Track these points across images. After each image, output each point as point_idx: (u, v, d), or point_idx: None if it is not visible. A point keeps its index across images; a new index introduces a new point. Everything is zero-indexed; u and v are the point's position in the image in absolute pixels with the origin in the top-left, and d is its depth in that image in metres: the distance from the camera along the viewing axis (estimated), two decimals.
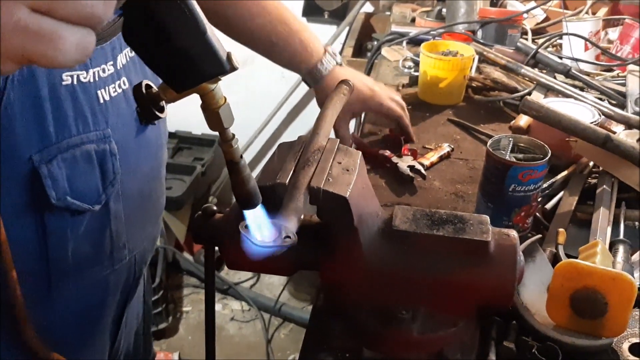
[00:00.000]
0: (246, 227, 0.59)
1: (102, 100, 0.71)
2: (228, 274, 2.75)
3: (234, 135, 0.57)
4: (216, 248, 0.81)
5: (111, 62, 0.73)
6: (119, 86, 0.74)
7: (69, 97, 0.67)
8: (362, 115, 1.47)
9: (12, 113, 0.62)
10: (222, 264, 2.63)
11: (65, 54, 0.39)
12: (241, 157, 0.59)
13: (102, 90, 0.72)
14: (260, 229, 0.60)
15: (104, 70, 0.72)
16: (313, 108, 2.86)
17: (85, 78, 0.69)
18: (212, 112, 0.55)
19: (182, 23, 0.47)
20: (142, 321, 1.05)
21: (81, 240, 0.73)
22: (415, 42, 1.81)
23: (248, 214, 0.61)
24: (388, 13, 2.37)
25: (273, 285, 2.77)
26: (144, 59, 0.51)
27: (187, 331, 2.54)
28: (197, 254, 2.81)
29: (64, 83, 0.67)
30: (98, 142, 0.71)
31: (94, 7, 0.39)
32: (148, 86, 0.62)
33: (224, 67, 0.51)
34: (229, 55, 0.52)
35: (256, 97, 2.82)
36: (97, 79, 0.70)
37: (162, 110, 0.65)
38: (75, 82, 0.68)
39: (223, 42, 0.52)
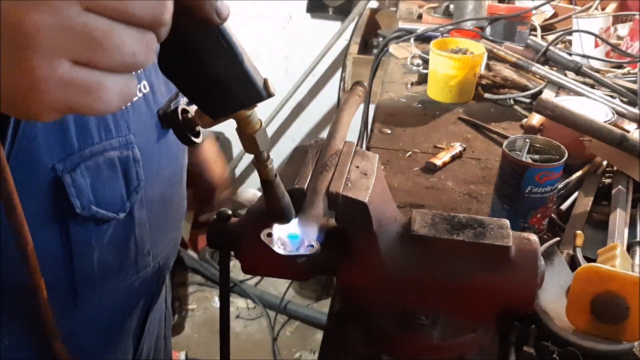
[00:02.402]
0: (268, 235, 0.58)
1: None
2: (233, 272, 2.74)
3: (269, 156, 0.57)
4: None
5: None
6: (140, 90, 0.73)
7: None
8: (371, 115, 1.46)
9: (35, 122, 0.60)
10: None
11: (108, 103, 0.39)
12: (276, 175, 0.58)
13: None
14: (284, 238, 0.59)
15: None
16: (317, 105, 2.87)
17: None
18: (249, 136, 0.54)
19: (219, 53, 0.46)
20: (164, 325, 1.04)
21: (106, 249, 0.72)
22: (422, 39, 1.80)
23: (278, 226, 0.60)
24: (394, 9, 2.35)
25: (278, 283, 2.77)
26: (179, 87, 0.50)
27: (192, 329, 2.54)
28: (202, 251, 2.80)
29: None
30: (121, 148, 0.70)
31: (135, 55, 0.39)
32: (184, 111, 0.61)
33: (261, 94, 0.51)
34: (265, 82, 0.51)
35: None
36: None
37: (197, 135, 0.64)
38: None
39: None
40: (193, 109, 0.76)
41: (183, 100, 0.79)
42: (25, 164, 0.60)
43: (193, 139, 0.66)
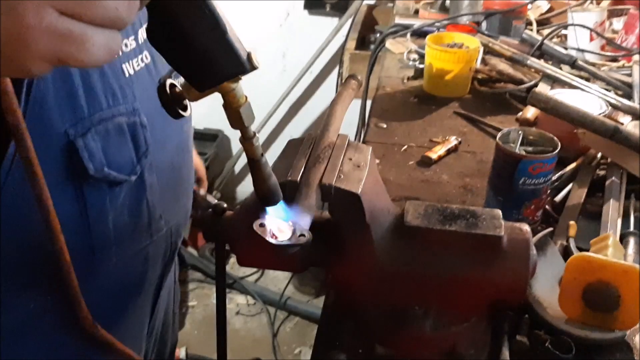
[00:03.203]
0: (261, 225, 0.59)
1: (127, 74, 0.73)
2: (233, 268, 2.75)
3: (255, 133, 0.58)
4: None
5: (132, 37, 0.74)
6: (142, 60, 0.76)
7: (97, 71, 0.69)
8: (367, 108, 1.46)
9: (45, 87, 0.63)
10: (227, 258, 2.63)
11: (93, 54, 0.42)
12: (262, 154, 0.59)
13: (127, 64, 0.73)
14: (276, 227, 0.59)
15: (126, 45, 0.73)
16: (315, 102, 2.87)
17: None
18: (234, 110, 0.55)
19: (202, 23, 0.47)
20: (172, 300, 1.07)
21: (120, 212, 0.75)
22: (419, 34, 1.80)
23: (269, 211, 0.61)
24: (390, 5, 2.36)
25: (278, 279, 2.77)
26: (166, 58, 0.51)
27: (193, 326, 2.54)
28: (202, 248, 2.81)
29: None
30: (128, 115, 0.73)
31: (118, 10, 0.41)
32: (172, 85, 0.62)
33: (245, 66, 0.52)
34: (249, 55, 0.52)
35: (258, 91, 2.81)
36: (120, 53, 0.72)
37: (185, 109, 0.65)
38: None
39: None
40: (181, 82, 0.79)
41: None
42: (38, 130, 0.62)
43: (181, 112, 0.67)
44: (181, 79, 0.77)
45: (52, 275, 0.69)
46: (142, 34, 0.76)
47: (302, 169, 0.71)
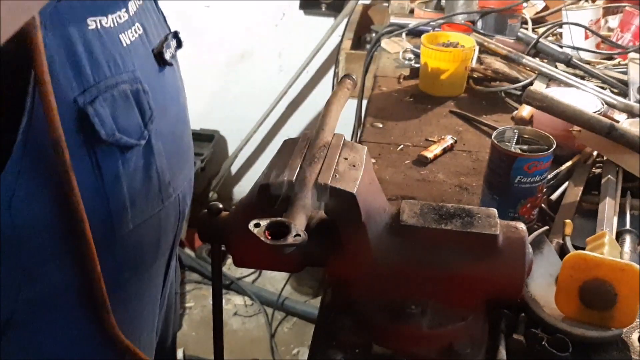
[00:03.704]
0: (256, 225, 0.59)
1: (124, 44, 0.76)
2: (230, 269, 2.75)
3: None
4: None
5: (124, 10, 0.77)
6: (135, 31, 0.78)
7: (98, 41, 0.71)
8: (363, 108, 1.46)
9: (51, 57, 0.65)
10: (224, 258, 2.63)
11: None
12: None
13: (123, 34, 0.76)
14: (271, 227, 0.59)
15: (119, 17, 0.76)
16: (311, 102, 2.88)
17: (106, 23, 0.73)
18: None
19: None
20: (174, 280, 1.10)
21: (133, 177, 0.78)
22: (414, 33, 1.80)
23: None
24: (386, 4, 2.36)
25: (275, 279, 2.77)
26: None
27: (190, 327, 2.54)
28: (199, 249, 2.80)
29: (89, 28, 0.71)
30: (130, 82, 0.75)
31: None
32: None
33: None
34: None
35: (254, 92, 2.81)
36: (116, 24, 0.75)
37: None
38: (99, 27, 0.72)
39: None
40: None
41: (172, 43, 0.86)
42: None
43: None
44: (172, 46, 0.79)
45: (75, 248, 0.72)
46: (132, 6, 0.79)
47: (298, 169, 0.71)
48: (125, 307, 0.85)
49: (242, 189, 3.13)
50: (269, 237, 0.59)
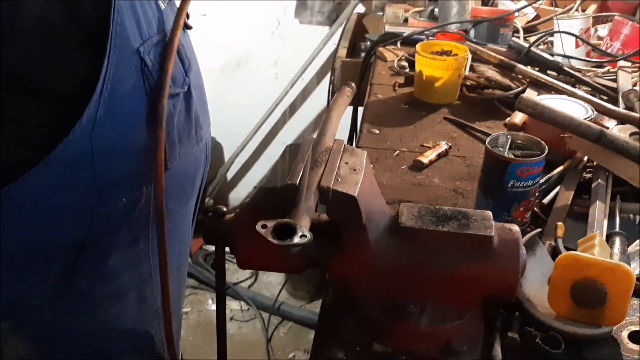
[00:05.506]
0: (263, 227, 0.61)
1: (162, 8, 0.83)
2: (226, 274, 2.76)
3: None
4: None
5: None
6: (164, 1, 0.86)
7: (146, 2, 0.79)
8: (360, 114, 1.49)
9: (121, 11, 0.72)
10: None
11: None
12: None
13: (160, 1, 0.83)
14: (278, 228, 0.62)
15: None
16: (307, 109, 2.90)
17: None
18: None
19: None
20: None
21: (179, 117, 0.86)
22: (409, 42, 1.84)
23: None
24: (380, 13, 2.39)
25: (271, 284, 2.79)
26: None
27: (187, 332, 2.55)
28: (195, 255, 2.82)
29: None
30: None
31: None
32: None
33: None
34: None
35: (250, 99, 2.84)
36: None
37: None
38: None
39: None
40: None
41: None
42: (121, 47, 0.72)
43: None
44: None
45: (143, 172, 0.80)
46: None
47: (301, 173, 0.74)
48: (170, 237, 0.90)
49: (237, 195, 3.15)
50: (276, 238, 0.61)
